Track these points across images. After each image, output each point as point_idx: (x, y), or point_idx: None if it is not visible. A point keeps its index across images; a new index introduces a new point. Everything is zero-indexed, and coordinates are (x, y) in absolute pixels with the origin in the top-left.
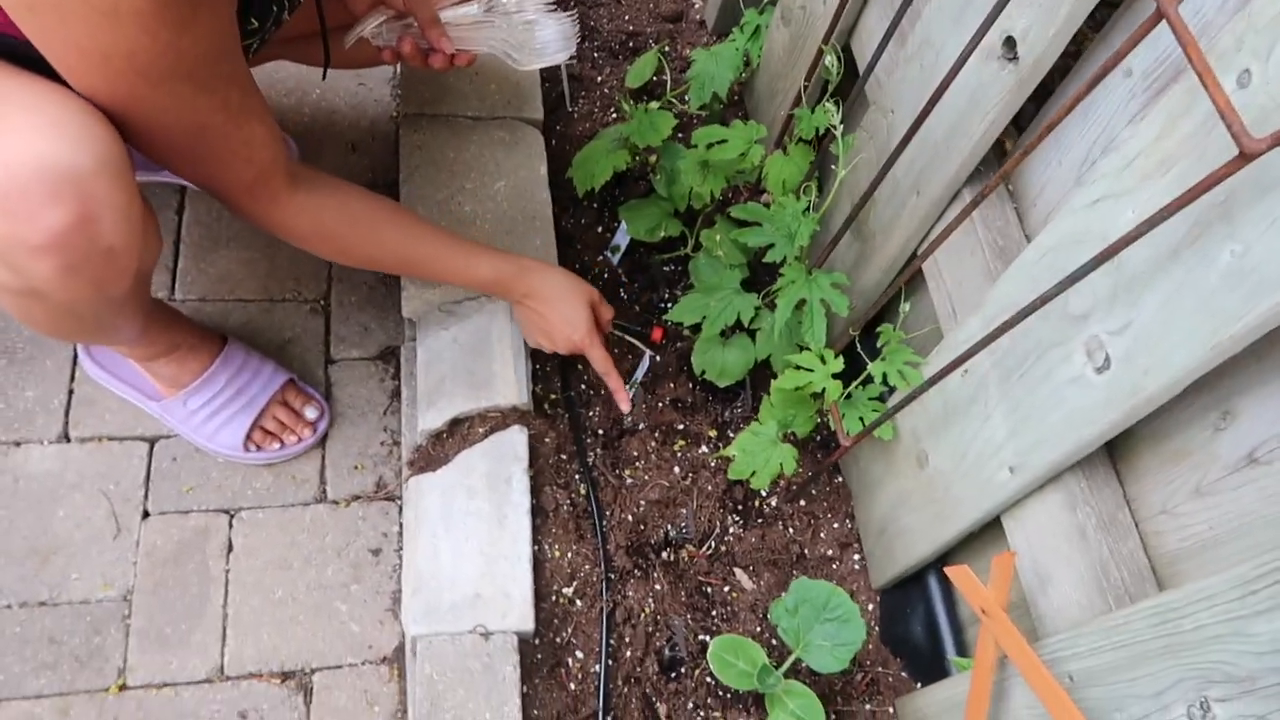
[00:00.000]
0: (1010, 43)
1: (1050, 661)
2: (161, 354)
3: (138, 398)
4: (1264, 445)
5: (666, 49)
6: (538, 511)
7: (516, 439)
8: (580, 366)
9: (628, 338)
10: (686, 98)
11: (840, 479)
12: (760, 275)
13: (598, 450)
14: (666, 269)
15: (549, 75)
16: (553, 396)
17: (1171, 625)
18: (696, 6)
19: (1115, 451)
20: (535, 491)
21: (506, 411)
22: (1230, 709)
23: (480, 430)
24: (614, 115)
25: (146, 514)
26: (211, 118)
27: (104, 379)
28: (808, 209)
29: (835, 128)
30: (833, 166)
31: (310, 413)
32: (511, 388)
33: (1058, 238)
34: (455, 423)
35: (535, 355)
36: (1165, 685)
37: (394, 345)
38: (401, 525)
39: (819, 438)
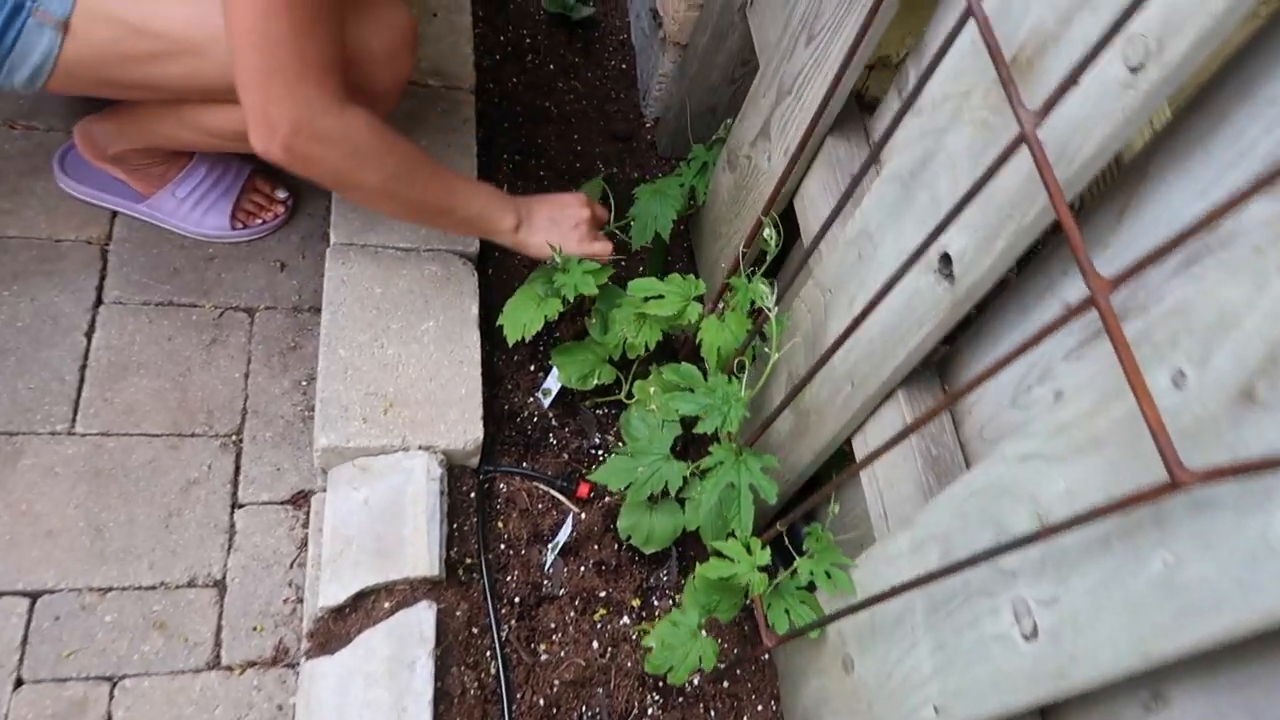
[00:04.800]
0: (947, 259)
1: None
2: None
3: (121, 204)
4: None
5: (615, 170)
6: (442, 697)
7: (424, 617)
8: (501, 524)
9: (552, 492)
10: (629, 235)
11: (767, 656)
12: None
13: (512, 622)
14: (599, 412)
15: None
16: (468, 561)
17: None
18: (649, 125)
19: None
20: (441, 673)
21: (416, 583)
22: None
23: (386, 605)
24: None
25: (20, 682)
26: None
27: (82, 191)
28: (740, 390)
29: (769, 310)
30: (765, 344)
31: (280, 193)
32: (422, 557)
33: (988, 482)
34: (360, 596)
35: (452, 513)
36: None
37: (307, 490)
38: (296, 703)
39: (746, 605)
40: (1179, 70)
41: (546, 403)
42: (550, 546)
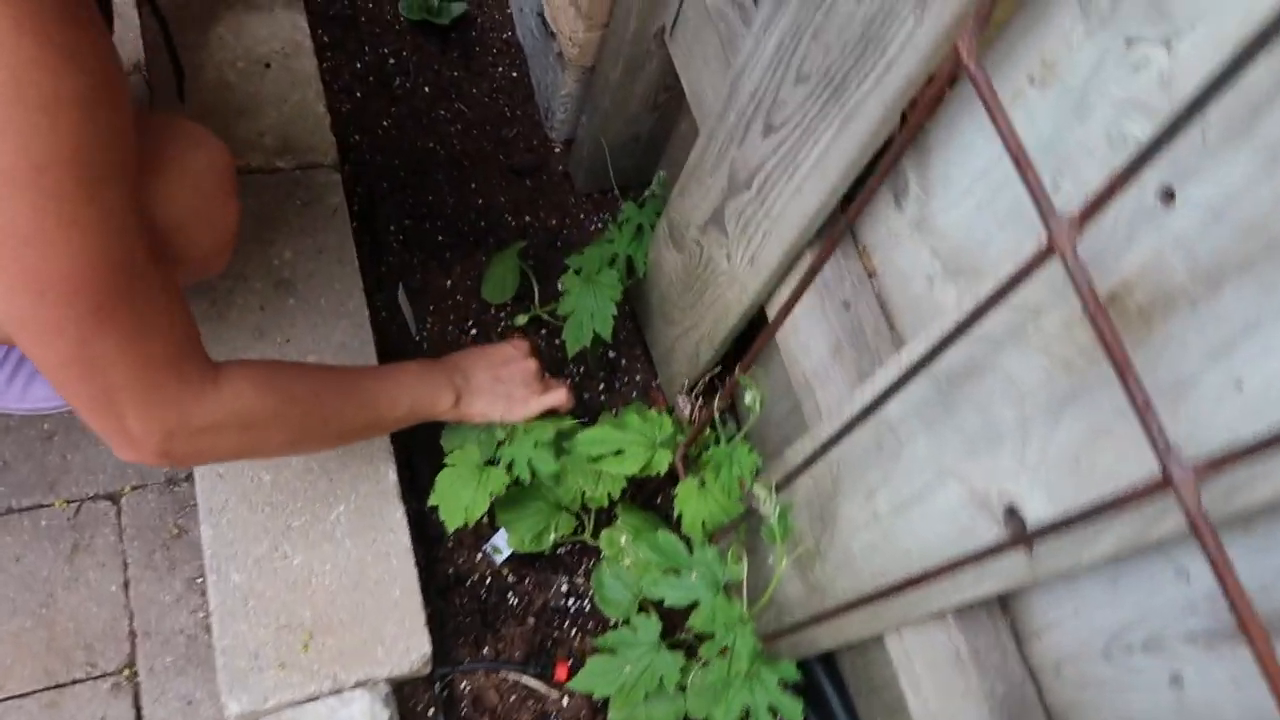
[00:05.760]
0: (1017, 518)
1: None
2: None
3: None
4: None
5: (529, 223)
6: None
7: None
8: (463, 705)
9: (524, 680)
10: (559, 316)
11: None
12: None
13: None
14: (562, 550)
15: (386, 304)
16: None
17: None
18: (558, 151)
19: None
20: None
21: None
22: None
23: None
24: (474, 331)
25: None
26: (134, 245)
27: None
28: (741, 608)
29: (769, 516)
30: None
31: None
32: None
33: None
34: None
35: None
36: None
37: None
38: None
39: None
40: None
41: (498, 560)
42: None
